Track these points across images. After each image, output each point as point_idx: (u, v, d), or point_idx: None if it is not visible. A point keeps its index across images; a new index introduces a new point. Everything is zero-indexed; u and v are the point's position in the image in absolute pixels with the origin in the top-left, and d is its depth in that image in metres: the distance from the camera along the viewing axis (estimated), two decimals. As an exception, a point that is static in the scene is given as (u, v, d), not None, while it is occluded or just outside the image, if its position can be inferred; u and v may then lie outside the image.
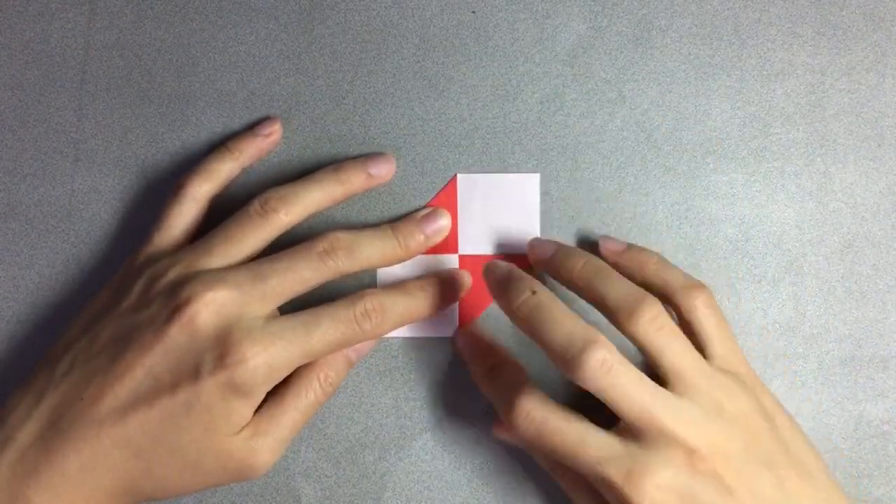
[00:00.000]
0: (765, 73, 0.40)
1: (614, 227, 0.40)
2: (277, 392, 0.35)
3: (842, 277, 0.39)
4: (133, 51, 0.41)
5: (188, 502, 0.39)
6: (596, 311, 0.35)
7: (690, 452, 0.32)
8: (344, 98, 0.40)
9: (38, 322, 0.40)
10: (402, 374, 0.40)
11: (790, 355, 0.39)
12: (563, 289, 0.37)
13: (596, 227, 0.40)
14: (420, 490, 0.39)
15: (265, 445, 0.34)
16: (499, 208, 0.40)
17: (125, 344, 0.33)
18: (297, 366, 0.34)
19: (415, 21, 0.41)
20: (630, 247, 0.38)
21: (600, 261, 0.36)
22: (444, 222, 0.39)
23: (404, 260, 0.38)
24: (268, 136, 0.39)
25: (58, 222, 0.40)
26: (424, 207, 0.40)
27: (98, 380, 0.33)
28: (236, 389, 0.33)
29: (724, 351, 0.35)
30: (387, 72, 0.40)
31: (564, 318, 0.33)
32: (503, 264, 0.36)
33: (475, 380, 0.38)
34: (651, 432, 0.32)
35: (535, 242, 0.39)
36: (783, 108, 0.40)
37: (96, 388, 0.33)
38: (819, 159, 0.40)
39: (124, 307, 0.34)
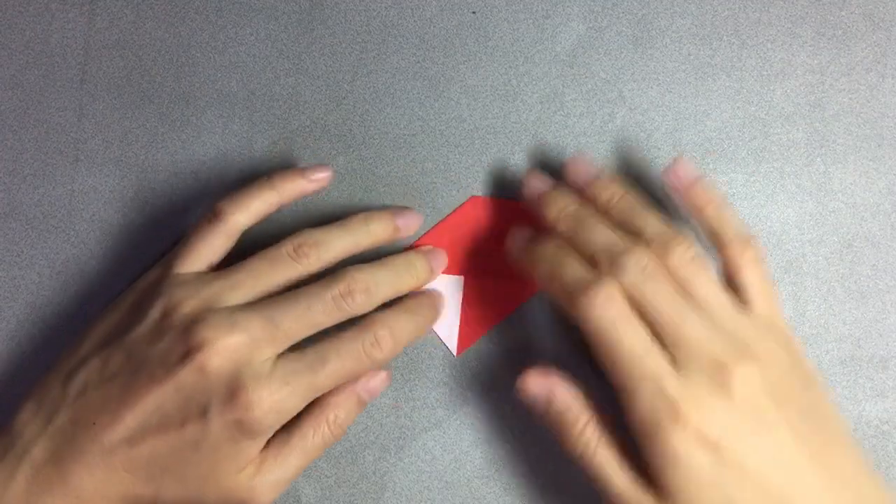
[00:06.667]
0: (765, 73, 0.40)
1: (614, 227, 0.40)
2: (285, 429, 0.36)
3: (842, 277, 0.39)
4: (133, 51, 0.41)
5: None
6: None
7: (721, 367, 0.32)
8: (344, 98, 0.40)
9: (38, 322, 0.40)
10: (402, 374, 0.39)
11: (790, 355, 0.39)
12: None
13: (596, 227, 0.40)
14: (420, 490, 0.39)
15: (267, 484, 0.35)
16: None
17: (137, 374, 0.34)
18: (308, 402, 0.35)
19: (415, 21, 0.41)
20: (699, 180, 0.36)
21: (586, 208, 0.36)
22: (443, 259, 0.39)
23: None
24: (314, 181, 0.38)
25: (58, 222, 0.40)
26: (424, 245, 0.40)
27: (111, 407, 0.33)
28: (244, 431, 0.33)
29: (765, 311, 0.35)
30: (387, 72, 0.40)
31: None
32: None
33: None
34: (681, 346, 0.32)
35: (531, 179, 0.38)
36: (783, 108, 0.40)
37: (108, 416, 0.33)
38: (819, 159, 0.40)
39: (139, 333, 0.35)
